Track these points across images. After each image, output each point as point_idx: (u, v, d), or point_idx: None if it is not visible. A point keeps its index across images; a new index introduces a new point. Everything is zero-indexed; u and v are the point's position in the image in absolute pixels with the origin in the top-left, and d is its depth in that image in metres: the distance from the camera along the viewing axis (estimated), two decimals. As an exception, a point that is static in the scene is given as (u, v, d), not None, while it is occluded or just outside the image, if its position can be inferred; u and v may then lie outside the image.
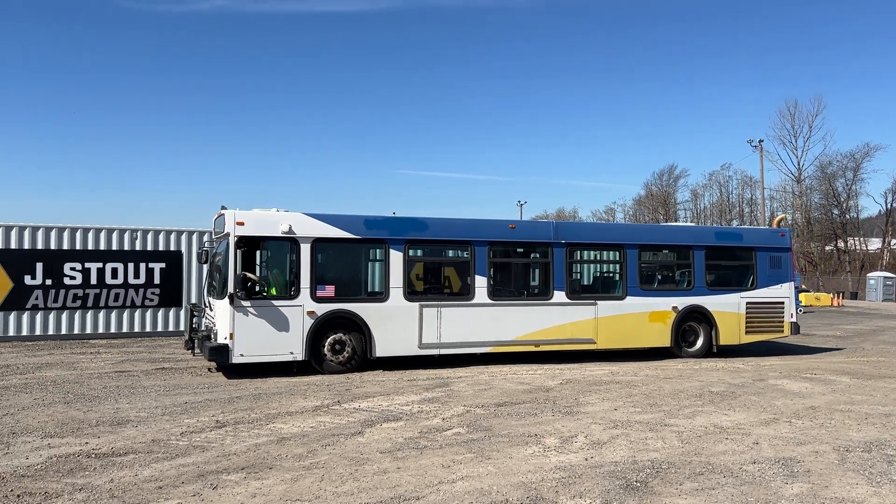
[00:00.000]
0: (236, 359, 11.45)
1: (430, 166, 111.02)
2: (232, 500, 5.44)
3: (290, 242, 11.98)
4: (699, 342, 14.69)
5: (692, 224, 15.24)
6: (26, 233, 17.29)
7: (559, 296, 13.62)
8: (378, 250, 12.84)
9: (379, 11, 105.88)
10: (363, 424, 8.14)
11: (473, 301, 13.02)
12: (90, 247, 17.67)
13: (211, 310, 12.69)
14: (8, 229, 17.10)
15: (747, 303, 14.98)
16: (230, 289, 11.43)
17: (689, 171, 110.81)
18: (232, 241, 11.58)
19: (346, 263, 12.92)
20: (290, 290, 11.97)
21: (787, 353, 16.04)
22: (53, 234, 17.51)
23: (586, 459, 6.72)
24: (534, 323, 13.39)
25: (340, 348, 12.16)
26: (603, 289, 14.88)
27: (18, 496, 5.48)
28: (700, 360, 14.38)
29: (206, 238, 17.83)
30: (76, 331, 17.47)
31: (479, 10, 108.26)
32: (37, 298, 17.28)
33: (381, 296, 12.55)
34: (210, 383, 11.07)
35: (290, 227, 11.89)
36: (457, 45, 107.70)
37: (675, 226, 15.59)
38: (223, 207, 12.07)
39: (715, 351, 14.69)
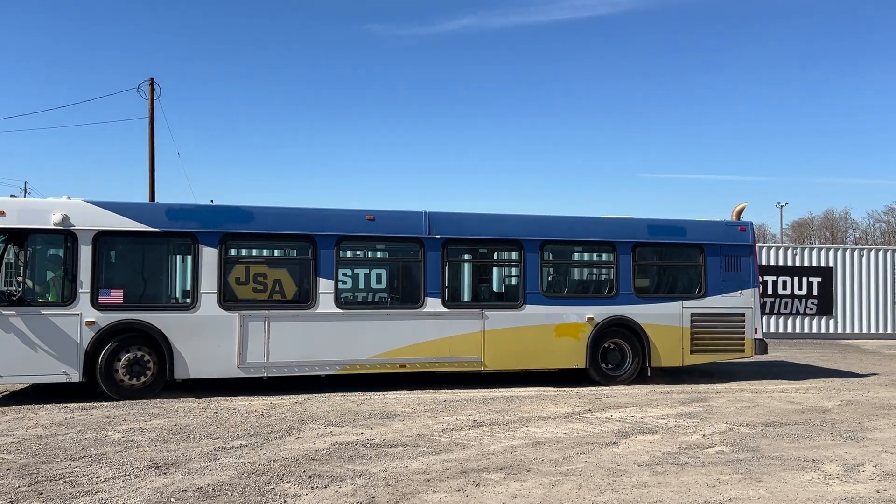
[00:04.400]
0: None
1: (674, 168, 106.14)
2: (494, 499, 5.62)
3: (65, 236, 9.89)
4: (627, 363, 11.84)
5: (619, 216, 12.60)
6: None
7: (433, 304, 11.04)
8: (184, 247, 10.60)
9: (621, 14, 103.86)
10: (617, 435, 7.98)
11: (316, 311, 10.63)
12: (762, 262, 21.36)
13: None
14: None
15: (693, 314, 12.03)
16: None
17: None
18: None
19: (142, 263, 10.67)
20: (63, 294, 9.90)
21: None
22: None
23: (878, 492, 5.93)
24: (398, 338, 10.88)
25: (140, 370, 9.99)
26: (493, 296, 12.35)
27: (310, 477, 6.17)
28: None
29: None
30: None
31: (730, 3, 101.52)
32: None
33: (188, 304, 10.32)
34: (464, 381, 11.57)
35: (65, 218, 9.85)
36: (706, 41, 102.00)
37: (592, 218, 12.27)
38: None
39: (648, 374, 11.88)
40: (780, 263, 21.87)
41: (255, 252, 11.39)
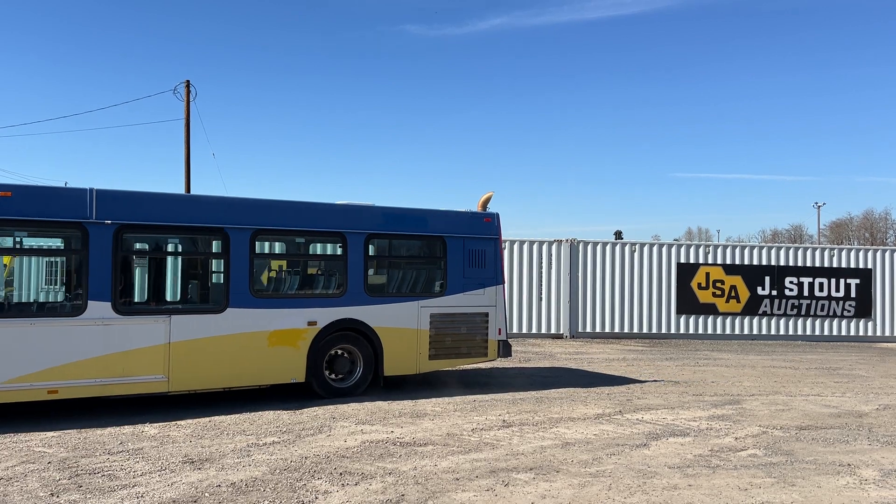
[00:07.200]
0: None
1: (708, 168, 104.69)
2: (523, 499, 5.65)
3: None
4: (357, 372, 10.25)
5: (351, 202, 10.60)
6: (755, 251, 21.39)
7: (100, 308, 8.54)
8: None
9: (654, 12, 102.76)
10: (648, 437, 7.93)
11: None
12: (799, 263, 21.31)
13: None
14: (742, 248, 21.51)
15: (432, 315, 10.67)
16: None
17: None
18: None
19: None
20: None
21: None
22: (782, 252, 21.48)
23: (916, 499, 5.82)
24: (49, 355, 8.26)
25: None
26: (186, 298, 10.21)
27: (340, 474, 6.26)
28: None
29: None
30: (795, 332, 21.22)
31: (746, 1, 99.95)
32: (765, 306, 21.17)
33: None
34: (492, 384, 11.61)
35: None
36: (742, 38, 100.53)
37: (318, 203, 10.40)
38: None
39: (381, 384, 10.41)
40: (818, 265, 21.45)
41: None
